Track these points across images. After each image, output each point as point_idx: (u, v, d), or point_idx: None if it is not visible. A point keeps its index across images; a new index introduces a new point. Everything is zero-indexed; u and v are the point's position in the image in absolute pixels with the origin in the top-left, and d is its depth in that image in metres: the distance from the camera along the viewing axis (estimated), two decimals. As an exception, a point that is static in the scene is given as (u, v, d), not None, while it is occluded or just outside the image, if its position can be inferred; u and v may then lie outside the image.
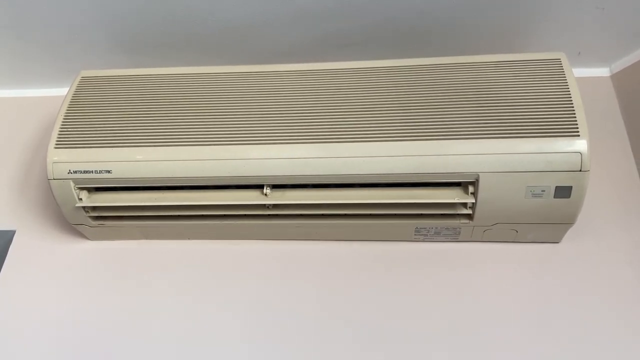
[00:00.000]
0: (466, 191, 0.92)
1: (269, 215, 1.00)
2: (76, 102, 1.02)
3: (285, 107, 0.97)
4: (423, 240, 1.05)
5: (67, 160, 0.96)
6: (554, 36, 1.15)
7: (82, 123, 0.99)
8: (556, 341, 0.93)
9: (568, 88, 0.91)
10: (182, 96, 1.01)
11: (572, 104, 0.89)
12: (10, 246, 1.14)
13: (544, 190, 0.89)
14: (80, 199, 0.98)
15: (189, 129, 0.96)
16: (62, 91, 1.10)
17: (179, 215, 1.01)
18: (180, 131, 0.96)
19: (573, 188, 0.88)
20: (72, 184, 0.96)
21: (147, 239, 1.11)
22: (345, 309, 1.00)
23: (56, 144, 0.97)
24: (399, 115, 0.93)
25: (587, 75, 1.20)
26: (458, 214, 0.96)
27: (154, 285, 1.06)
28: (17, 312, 1.06)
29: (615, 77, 1.21)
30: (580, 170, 0.86)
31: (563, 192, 0.88)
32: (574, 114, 0.88)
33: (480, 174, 0.88)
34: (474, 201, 0.91)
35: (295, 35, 1.16)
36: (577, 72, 0.95)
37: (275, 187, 0.96)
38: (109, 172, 0.95)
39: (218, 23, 1.13)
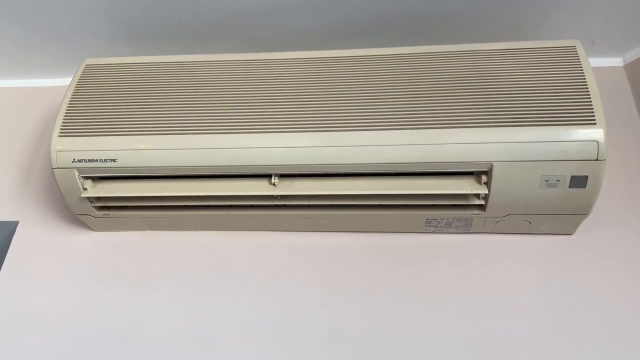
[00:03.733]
0: (479, 181, 0.90)
1: (276, 205, 0.98)
2: (80, 90, 1.00)
3: (292, 95, 0.95)
4: (433, 232, 1.03)
5: (72, 149, 0.94)
6: (568, 25, 1.13)
7: (86, 111, 0.97)
8: (569, 334, 0.92)
9: (584, 76, 0.89)
10: (187, 84, 0.99)
11: (588, 91, 0.87)
12: (13, 237, 1.13)
13: (559, 180, 0.87)
14: (85, 189, 0.96)
15: (195, 117, 0.94)
16: (65, 81, 1.09)
17: (184, 206, 1.00)
18: (186, 119, 0.94)
19: (589, 177, 0.86)
20: (76, 173, 0.95)
21: (152, 229, 1.10)
22: (354, 301, 0.98)
23: (60, 132, 0.95)
24: (410, 103, 0.91)
25: (601, 65, 1.18)
26: (470, 205, 0.94)
27: (159, 277, 1.05)
28: (20, 304, 1.04)
29: (629, 67, 1.19)
30: (597, 160, 0.84)
31: (579, 181, 0.86)
32: (590, 102, 0.86)
33: (494, 163, 0.86)
34: (487, 192, 0.89)
35: (302, 23, 1.14)
36: (591, 62, 0.92)
37: (282, 177, 0.94)
38: (114, 160, 0.93)
39: (224, 11, 1.11)
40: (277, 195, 0.95)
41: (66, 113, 0.97)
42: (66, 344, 0.99)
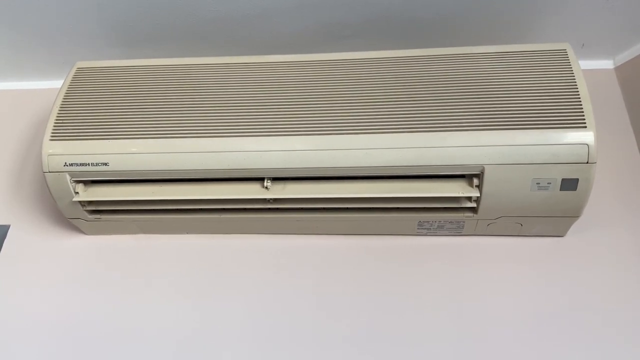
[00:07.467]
0: (471, 184, 0.90)
1: (269, 209, 0.98)
2: (72, 93, 1.00)
3: (285, 98, 0.95)
4: (426, 234, 1.03)
5: (63, 153, 0.94)
6: (558, 28, 1.14)
7: (78, 115, 0.97)
8: (560, 336, 0.92)
9: (574, 79, 0.90)
10: (178, 87, 0.99)
11: (578, 95, 0.88)
12: (5, 241, 1.12)
13: (550, 183, 0.87)
14: (77, 193, 0.96)
15: (187, 120, 0.94)
16: (57, 83, 1.08)
17: (177, 209, 0.99)
18: (178, 123, 0.94)
19: (579, 180, 0.86)
20: (68, 177, 0.94)
21: (144, 233, 1.09)
22: (347, 304, 0.99)
23: (51, 136, 0.95)
24: (402, 107, 0.91)
25: (591, 68, 1.19)
26: (462, 207, 0.94)
27: (152, 281, 1.04)
28: (11, 308, 1.04)
29: (620, 70, 1.19)
30: (587, 162, 0.85)
31: (569, 184, 0.87)
32: (581, 105, 0.87)
33: (485, 166, 0.87)
34: (478, 194, 0.90)
35: (295, 26, 1.14)
36: (581, 64, 0.93)
37: (275, 180, 0.94)
38: (105, 164, 0.93)
39: (216, 13, 1.11)
40: (270, 199, 0.95)
41: (57, 117, 0.97)
42: (58, 348, 0.99)
